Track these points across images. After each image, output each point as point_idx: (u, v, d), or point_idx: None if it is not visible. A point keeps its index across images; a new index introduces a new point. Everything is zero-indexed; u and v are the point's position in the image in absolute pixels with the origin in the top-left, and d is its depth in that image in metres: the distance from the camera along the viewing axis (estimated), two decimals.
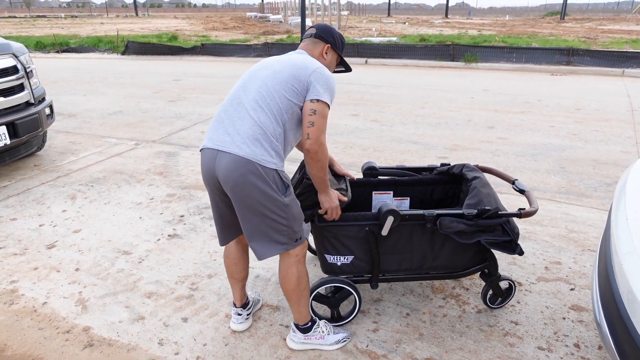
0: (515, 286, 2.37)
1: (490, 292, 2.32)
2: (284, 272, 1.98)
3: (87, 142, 5.34)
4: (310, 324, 2.09)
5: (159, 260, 2.85)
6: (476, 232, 2.09)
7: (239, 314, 2.24)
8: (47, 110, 4.45)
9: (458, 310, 2.38)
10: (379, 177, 2.63)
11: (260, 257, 1.90)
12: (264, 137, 1.77)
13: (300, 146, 2.13)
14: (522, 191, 2.28)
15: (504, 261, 2.80)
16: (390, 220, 2.02)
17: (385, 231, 2.05)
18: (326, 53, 2.03)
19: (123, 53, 15.22)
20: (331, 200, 2.00)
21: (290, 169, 4.24)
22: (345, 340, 2.14)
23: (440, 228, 2.07)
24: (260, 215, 1.82)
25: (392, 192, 2.62)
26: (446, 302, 2.44)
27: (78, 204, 3.66)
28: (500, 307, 2.38)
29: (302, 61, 1.87)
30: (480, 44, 14.35)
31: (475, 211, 2.06)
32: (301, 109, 1.84)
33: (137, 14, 54.42)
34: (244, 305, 2.25)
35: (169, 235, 3.16)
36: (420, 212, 2.07)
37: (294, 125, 1.87)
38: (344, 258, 2.16)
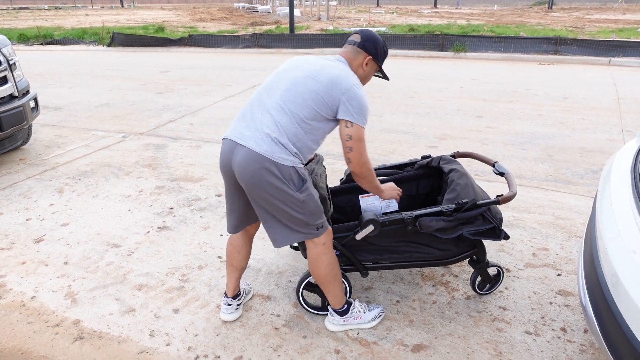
0: (503, 272, 2.40)
1: (479, 278, 2.35)
2: (314, 260, 2.00)
3: (73, 135, 5.28)
4: (346, 306, 2.14)
5: (148, 253, 2.84)
6: (457, 226, 2.12)
7: (229, 304, 2.25)
8: (32, 103, 4.38)
9: (447, 297, 2.41)
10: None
11: (277, 245, 1.94)
12: (283, 138, 1.79)
13: None
14: (501, 174, 2.27)
15: (492, 248, 2.84)
16: (369, 228, 2.06)
17: (360, 237, 2.08)
18: (366, 64, 1.99)
19: (109, 45, 14.99)
20: (389, 193, 2.16)
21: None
22: (381, 315, 2.22)
23: (420, 229, 2.10)
24: (276, 209, 1.85)
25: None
26: (436, 289, 2.47)
27: (66, 198, 3.62)
28: (489, 293, 2.41)
29: (338, 75, 1.83)
30: (469, 33, 14.37)
31: (453, 206, 2.08)
32: (325, 120, 1.85)
33: (122, 5, 53.57)
34: (235, 296, 2.26)
35: (158, 228, 3.15)
36: (399, 216, 2.08)
37: (316, 133, 1.86)
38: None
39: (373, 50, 1.98)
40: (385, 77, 2.13)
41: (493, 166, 2.34)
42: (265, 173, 1.76)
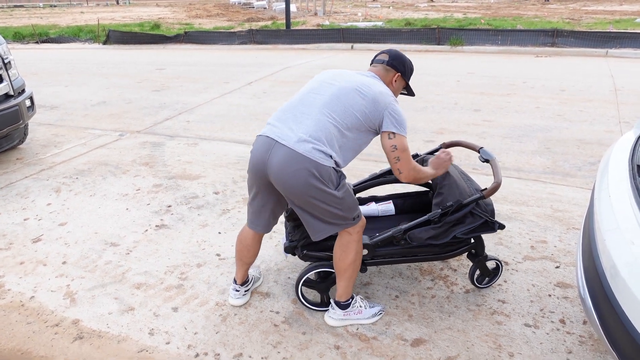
0: (502, 266, 2.40)
1: (478, 272, 2.36)
2: (343, 248, 2.02)
3: (70, 134, 5.26)
4: (350, 300, 2.15)
5: (147, 251, 2.84)
6: (449, 230, 2.13)
7: (237, 290, 2.31)
8: (28, 102, 4.36)
9: (446, 291, 2.41)
10: (357, 194, 2.63)
11: (316, 238, 1.98)
12: (325, 142, 1.83)
13: None
14: (486, 160, 2.25)
15: (491, 241, 2.84)
16: (363, 252, 2.10)
17: None
18: (395, 81, 2.08)
19: (104, 43, 14.92)
20: (441, 168, 2.16)
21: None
22: (380, 313, 2.22)
23: (411, 241, 2.13)
24: (314, 207, 1.88)
25: (373, 202, 2.67)
26: (434, 283, 2.47)
27: (63, 197, 3.61)
28: (488, 286, 2.41)
29: (381, 92, 1.93)
30: (466, 27, 14.33)
31: (440, 211, 2.09)
32: (366, 131, 1.92)
33: (118, 3, 53.30)
34: (244, 283, 2.33)
35: (156, 226, 3.14)
36: (389, 233, 2.12)
37: (354, 143, 1.93)
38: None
39: (401, 68, 2.08)
40: (411, 93, 2.21)
41: (478, 152, 2.31)
42: (305, 174, 1.79)
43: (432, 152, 2.63)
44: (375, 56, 2.14)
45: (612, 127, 5.04)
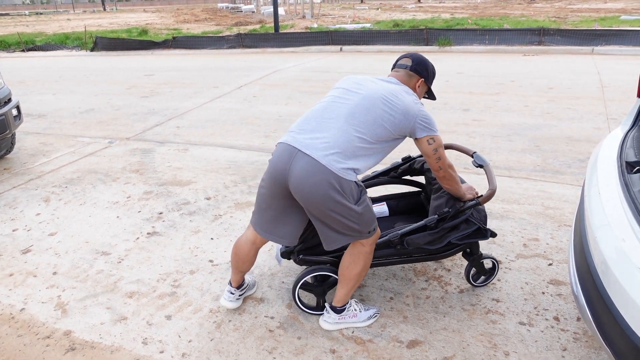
0: (498, 264, 2.41)
1: (473, 270, 2.36)
2: (353, 258, 2.00)
3: (58, 143, 5.20)
4: (345, 305, 2.14)
5: (139, 259, 2.81)
6: (444, 235, 2.15)
7: (232, 293, 2.28)
8: (14, 112, 4.31)
9: (441, 291, 2.41)
10: None
11: (329, 248, 1.95)
12: (350, 154, 1.80)
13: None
14: (480, 166, 2.22)
15: (484, 241, 2.84)
16: None
17: None
18: (419, 86, 2.06)
19: (92, 49, 14.82)
20: (468, 193, 2.15)
21: None
22: (375, 316, 2.21)
23: (408, 246, 2.13)
24: (332, 219, 1.85)
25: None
26: (429, 284, 2.47)
27: (52, 207, 3.57)
28: (484, 285, 2.42)
29: (410, 101, 1.90)
30: (454, 27, 14.43)
31: (437, 217, 2.10)
32: (392, 140, 1.91)
33: (104, 9, 52.96)
34: (239, 286, 2.30)
35: (148, 233, 3.11)
36: (386, 237, 2.12)
37: (384, 150, 1.92)
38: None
39: (425, 73, 2.06)
40: (432, 97, 2.19)
41: (472, 157, 2.28)
42: (326, 186, 1.75)
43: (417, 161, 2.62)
44: (398, 60, 2.10)
45: (600, 124, 5.09)
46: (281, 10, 23.92)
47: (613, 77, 7.57)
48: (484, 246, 2.79)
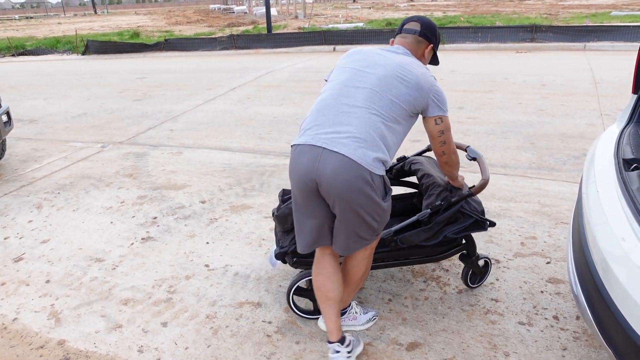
0: (491, 263, 2.39)
1: (471, 272, 2.34)
2: (359, 262, 1.93)
3: (50, 148, 5.15)
4: (346, 308, 2.11)
5: (133, 265, 2.77)
6: (440, 231, 2.11)
7: (337, 351, 1.88)
8: (4, 118, 4.26)
9: (439, 292, 2.39)
10: None
11: (344, 253, 1.87)
12: (374, 140, 1.68)
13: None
14: (473, 158, 2.20)
15: (481, 240, 2.83)
16: None
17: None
18: (428, 53, 1.94)
19: (83, 53, 14.72)
20: (460, 184, 2.13)
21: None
22: (374, 319, 2.18)
23: (402, 244, 2.09)
24: (358, 218, 1.73)
25: None
26: (427, 285, 2.45)
27: (45, 213, 3.52)
28: (479, 286, 2.40)
29: (422, 74, 1.79)
30: (446, 25, 14.44)
31: (429, 211, 2.06)
32: (409, 118, 1.81)
33: (95, 12, 52.66)
34: (341, 341, 1.90)
35: (142, 239, 3.08)
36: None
37: (400, 135, 1.80)
38: None
39: (434, 39, 1.93)
40: (436, 62, 2.04)
41: (465, 150, 2.26)
42: (360, 182, 1.65)
43: (420, 153, 2.61)
44: (404, 24, 1.94)
45: (593, 120, 5.10)
46: (273, 11, 23.87)
47: (606, 73, 7.60)
48: (481, 245, 2.77)
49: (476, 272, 2.33)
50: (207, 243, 2.98)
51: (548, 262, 2.59)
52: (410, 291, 2.41)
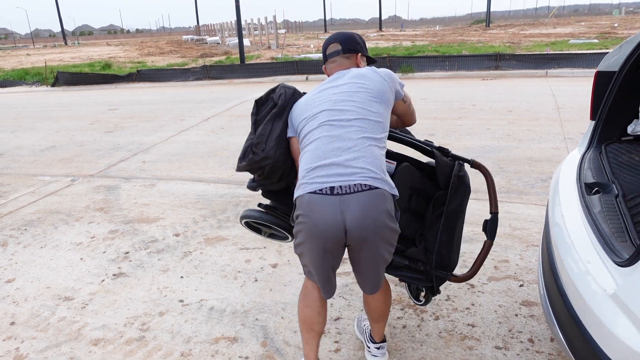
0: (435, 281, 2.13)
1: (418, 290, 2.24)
2: (386, 292, 1.91)
3: (17, 183, 5.00)
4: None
5: (104, 303, 2.68)
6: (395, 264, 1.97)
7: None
8: None
9: (417, 319, 2.40)
10: None
11: (376, 290, 1.83)
12: (380, 166, 1.64)
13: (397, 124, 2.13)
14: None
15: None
16: None
17: None
18: (360, 61, 1.93)
19: (53, 85, 14.51)
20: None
21: None
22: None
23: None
24: (380, 255, 1.68)
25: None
26: (404, 312, 2.46)
27: (10, 251, 3.40)
28: (426, 304, 2.26)
29: (368, 70, 1.81)
30: (415, 54, 14.93)
31: (407, 262, 1.93)
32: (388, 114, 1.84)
33: (66, 43, 52.18)
34: None
35: (113, 275, 2.99)
36: None
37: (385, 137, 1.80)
38: None
39: (358, 47, 1.93)
40: (372, 61, 2.03)
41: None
42: (385, 216, 1.58)
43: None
44: (325, 49, 1.94)
45: (558, 144, 5.30)
46: (246, 42, 24.19)
47: (567, 98, 7.95)
48: (455, 271, 2.80)
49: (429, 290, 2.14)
50: (182, 277, 2.92)
51: (521, 285, 2.64)
52: (388, 319, 2.40)
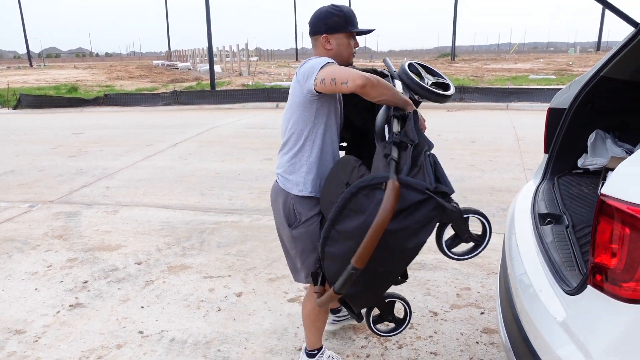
0: (409, 310, 2.01)
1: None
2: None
3: None
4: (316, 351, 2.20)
5: (58, 336, 2.57)
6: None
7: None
8: None
9: (380, 348, 2.40)
10: None
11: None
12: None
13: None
14: None
15: (419, 292, 2.90)
16: None
17: None
18: (328, 42, 1.80)
19: (15, 107, 14.09)
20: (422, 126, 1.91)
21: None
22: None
23: None
24: None
25: None
26: (368, 341, 2.46)
27: None
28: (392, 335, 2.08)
29: (294, 82, 1.83)
30: None
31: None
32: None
33: (31, 65, 50.90)
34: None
35: (70, 306, 2.88)
36: None
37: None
38: None
39: (322, 27, 1.79)
40: (366, 31, 1.87)
41: None
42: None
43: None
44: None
45: (518, 175, 5.51)
46: (218, 68, 24.30)
47: (526, 130, 8.30)
48: (419, 298, 2.84)
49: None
50: (142, 307, 2.84)
51: (482, 313, 2.69)
52: (352, 349, 2.39)
